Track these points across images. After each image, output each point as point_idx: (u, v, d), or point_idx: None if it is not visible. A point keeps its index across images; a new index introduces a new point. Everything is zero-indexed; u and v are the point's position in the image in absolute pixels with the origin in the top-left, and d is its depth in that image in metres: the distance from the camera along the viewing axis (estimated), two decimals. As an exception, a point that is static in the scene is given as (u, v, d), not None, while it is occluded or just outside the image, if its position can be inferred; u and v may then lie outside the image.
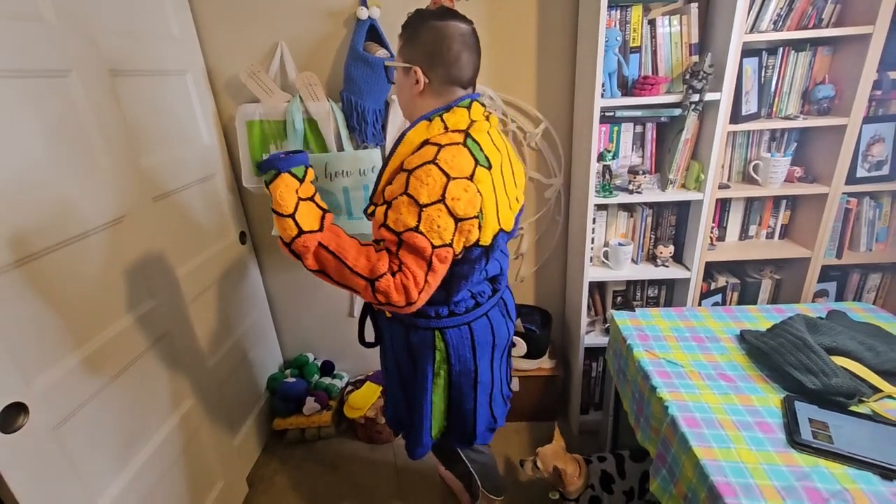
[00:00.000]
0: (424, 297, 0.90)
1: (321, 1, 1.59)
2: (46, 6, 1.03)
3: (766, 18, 1.40)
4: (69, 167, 1.08)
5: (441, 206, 0.85)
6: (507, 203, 0.99)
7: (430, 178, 0.85)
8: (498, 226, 0.95)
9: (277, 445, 1.98)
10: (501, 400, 1.25)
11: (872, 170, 1.52)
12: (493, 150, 0.96)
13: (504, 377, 1.26)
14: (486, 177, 0.91)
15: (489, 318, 1.11)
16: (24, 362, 0.95)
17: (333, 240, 0.91)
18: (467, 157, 0.89)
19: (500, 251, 1.13)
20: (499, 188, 0.95)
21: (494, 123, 1.04)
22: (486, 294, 1.10)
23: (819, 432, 1.00)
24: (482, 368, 1.12)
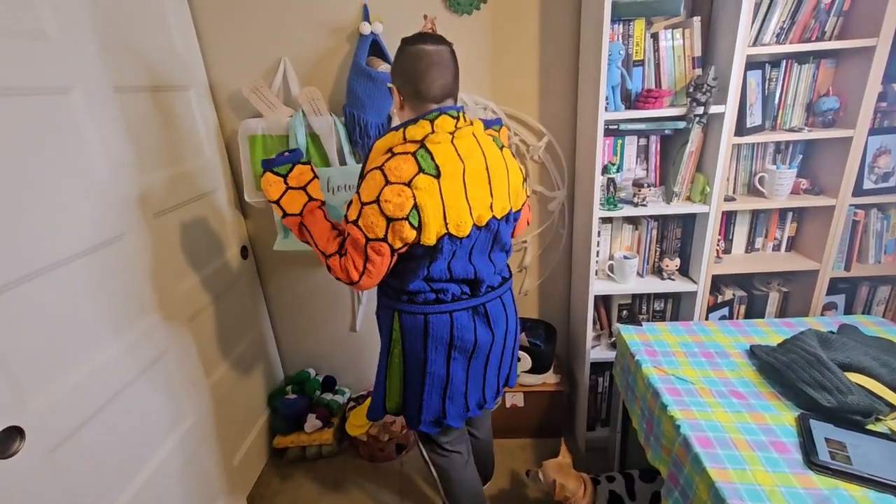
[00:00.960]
0: (368, 280, 1.06)
1: (324, 17, 1.59)
2: (50, 23, 1.03)
3: (768, 31, 1.40)
4: (70, 184, 1.06)
5: (375, 206, 0.98)
6: (468, 209, 1.04)
7: (373, 180, 0.99)
8: (444, 229, 1.02)
9: (278, 464, 1.95)
10: (463, 402, 1.24)
11: (879, 181, 1.51)
12: (453, 158, 1.02)
13: (477, 383, 1.25)
14: (431, 184, 0.99)
15: (452, 318, 1.15)
16: (21, 384, 0.93)
17: (311, 221, 1.11)
18: (411, 165, 0.98)
19: (476, 255, 1.13)
20: (452, 194, 1.01)
21: (478, 132, 1.11)
22: (450, 293, 1.14)
23: (837, 452, 0.97)
24: (433, 361, 1.17)
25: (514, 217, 1.19)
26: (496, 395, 1.31)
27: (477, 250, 1.13)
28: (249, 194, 1.70)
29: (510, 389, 1.84)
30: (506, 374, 1.33)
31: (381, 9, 1.57)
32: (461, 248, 1.09)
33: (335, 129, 1.59)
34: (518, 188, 1.17)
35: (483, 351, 1.21)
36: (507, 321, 1.24)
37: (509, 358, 1.31)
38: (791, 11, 1.38)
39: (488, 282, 1.18)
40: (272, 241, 1.74)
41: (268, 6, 1.59)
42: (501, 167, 1.12)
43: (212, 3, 1.59)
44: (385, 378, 1.24)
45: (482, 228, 1.09)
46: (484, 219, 1.08)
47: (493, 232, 1.13)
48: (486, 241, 1.14)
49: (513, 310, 1.28)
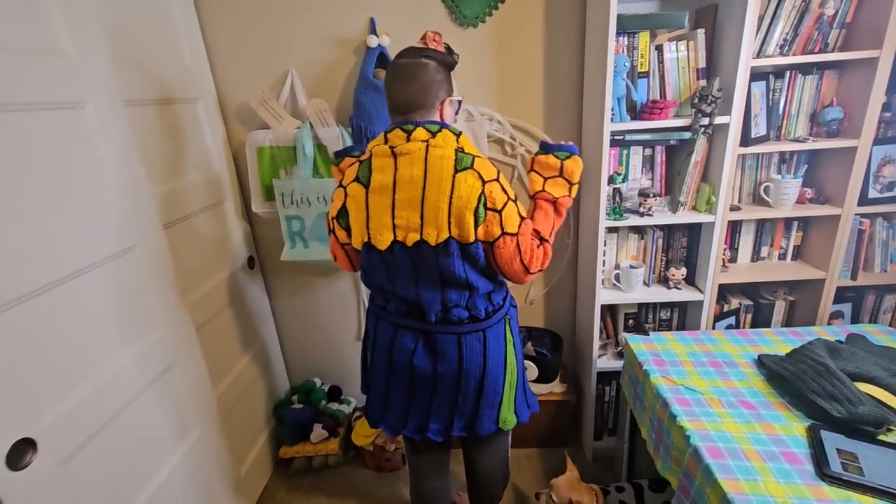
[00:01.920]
0: (339, 262, 1.22)
1: (331, 30, 1.61)
2: (66, 40, 1.05)
3: (772, 43, 1.42)
4: (81, 197, 1.07)
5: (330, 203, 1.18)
6: (391, 225, 1.04)
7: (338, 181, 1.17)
8: (366, 237, 1.07)
9: (284, 474, 1.94)
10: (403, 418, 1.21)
11: (884, 191, 1.51)
12: (387, 172, 1.04)
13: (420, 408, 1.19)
14: (359, 192, 1.07)
15: (395, 333, 1.16)
16: (33, 396, 0.93)
17: None
18: (353, 172, 1.09)
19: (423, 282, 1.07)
20: (377, 206, 1.05)
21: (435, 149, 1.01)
22: (392, 306, 1.16)
23: (849, 463, 0.97)
24: (375, 365, 1.22)
25: (458, 249, 1.02)
26: (445, 430, 1.19)
27: (422, 276, 1.06)
28: (256, 205, 1.71)
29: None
30: (466, 417, 1.18)
31: (388, 22, 1.59)
32: (396, 264, 1.06)
33: (342, 140, 1.60)
34: (463, 219, 0.99)
35: (424, 379, 1.14)
36: (460, 362, 1.12)
37: (471, 403, 1.16)
38: (794, 24, 1.39)
39: (435, 312, 1.10)
40: (279, 252, 1.75)
41: (276, 20, 1.61)
42: (443, 191, 0.99)
43: (221, 17, 1.62)
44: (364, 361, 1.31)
45: (411, 249, 1.03)
46: (411, 239, 1.02)
47: (430, 259, 1.03)
48: (428, 269, 1.05)
49: (479, 355, 1.12)
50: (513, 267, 1.05)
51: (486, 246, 1.04)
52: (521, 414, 1.24)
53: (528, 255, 1.05)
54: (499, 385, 1.17)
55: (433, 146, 1.02)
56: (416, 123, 1.03)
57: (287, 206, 1.65)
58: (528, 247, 1.05)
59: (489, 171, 1.02)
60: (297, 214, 1.66)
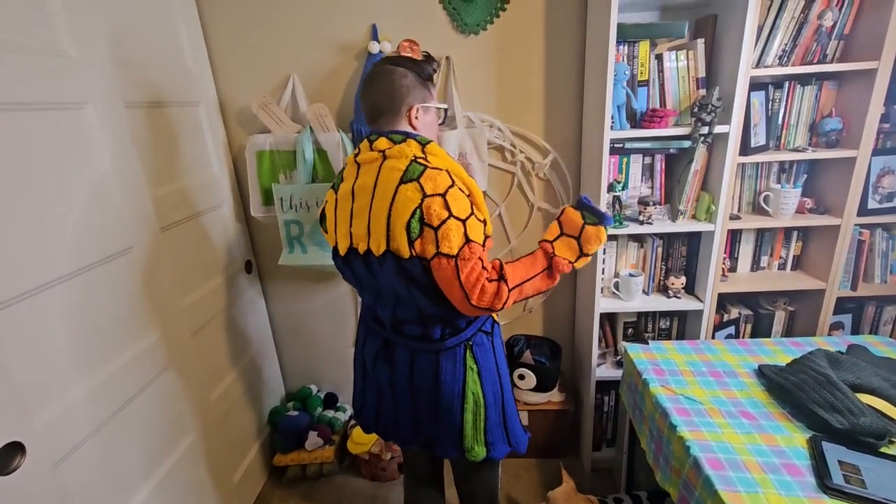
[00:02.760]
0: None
1: (333, 35, 1.62)
2: (69, 41, 1.05)
3: (771, 54, 1.42)
4: (80, 199, 1.07)
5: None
6: (348, 232, 1.06)
7: None
8: (335, 239, 1.11)
9: (278, 483, 1.91)
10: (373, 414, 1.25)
11: (884, 201, 1.51)
12: (348, 181, 1.07)
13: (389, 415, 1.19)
14: (330, 198, 1.12)
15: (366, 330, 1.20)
16: (24, 399, 0.91)
17: None
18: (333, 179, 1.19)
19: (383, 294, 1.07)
20: (341, 212, 1.08)
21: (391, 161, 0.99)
22: (366, 306, 1.20)
23: (850, 476, 0.95)
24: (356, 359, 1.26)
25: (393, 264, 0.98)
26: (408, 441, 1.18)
27: (381, 287, 1.05)
28: (255, 209, 1.70)
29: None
30: (426, 436, 1.16)
31: (390, 29, 1.59)
32: (357, 272, 1.08)
33: (342, 145, 1.60)
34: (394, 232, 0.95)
35: (382, 384, 1.17)
36: (411, 377, 1.10)
37: (427, 421, 1.13)
38: (793, 35, 1.40)
39: (389, 323, 1.10)
40: (277, 256, 1.74)
41: (278, 25, 1.62)
42: (385, 202, 0.96)
43: (223, 21, 1.62)
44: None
45: (363, 258, 1.03)
46: (362, 249, 1.02)
47: (375, 269, 1.02)
48: (381, 280, 1.03)
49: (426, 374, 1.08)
50: (451, 292, 0.95)
51: (426, 263, 0.96)
52: (494, 448, 1.14)
53: (471, 283, 0.93)
54: (454, 412, 1.09)
55: (389, 156, 0.99)
56: (381, 133, 1.03)
57: (286, 210, 1.64)
58: (471, 274, 0.93)
59: (437, 185, 0.93)
60: (296, 219, 1.65)
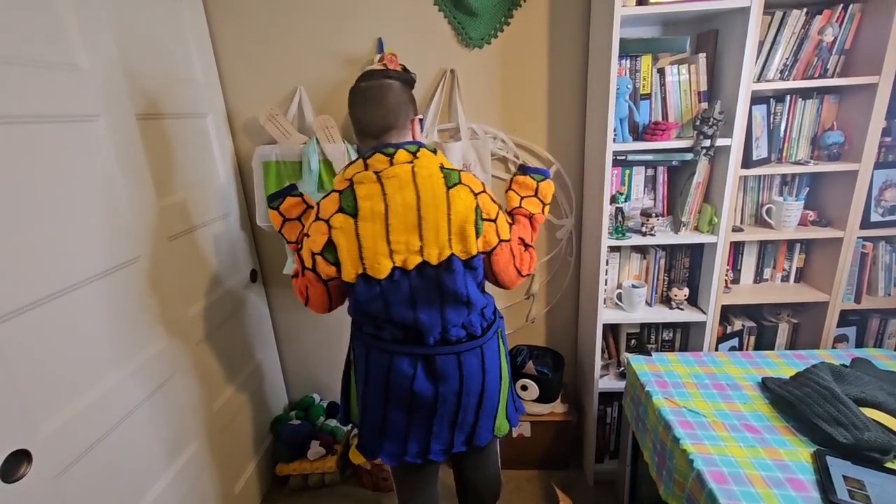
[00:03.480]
0: (312, 305, 1.14)
1: (340, 48, 1.65)
2: (81, 55, 1.08)
3: (772, 68, 1.44)
4: (90, 208, 1.09)
5: (306, 238, 1.07)
6: (388, 251, 1.01)
7: (311, 215, 1.09)
8: (361, 268, 1.03)
9: (279, 493, 1.91)
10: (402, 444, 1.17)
11: (886, 214, 1.52)
12: (375, 199, 1.00)
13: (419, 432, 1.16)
14: (346, 223, 1.01)
15: (391, 361, 1.11)
16: (31, 408, 0.92)
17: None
18: (335, 202, 1.03)
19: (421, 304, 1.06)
20: (369, 235, 1.01)
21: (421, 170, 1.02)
22: (388, 332, 1.11)
23: (856, 491, 0.95)
24: (370, 397, 1.16)
25: (461, 265, 1.04)
26: (447, 449, 1.19)
27: (421, 298, 1.05)
28: (261, 219, 1.72)
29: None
30: (466, 433, 1.19)
31: (396, 42, 1.62)
32: (394, 291, 1.04)
33: (348, 156, 1.62)
34: (464, 232, 1.02)
35: (424, 404, 1.12)
36: (461, 381, 1.12)
37: (470, 418, 1.17)
38: (794, 49, 1.42)
39: (433, 335, 1.09)
40: (282, 266, 1.75)
41: (285, 38, 1.65)
42: (439, 209, 1.01)
43: (232, 34, 1.66)
44: (345, 391, 1.29)
45: (412, 273, 1.03)
46: (411, 263, 1.02)
47: (432, 280, 1.03)
48: (429, 290, 1.05)
49: (477, 370, 1.13)
50: (508, 272, 1.13)
51: (485, 256, 1.09)
52: (512, 419, 1.28)
53: (520, 258, 1.14)
54: (496, 397, 1.19)
55: (418, 167, 1.02)
56: (395, 146, 1.03)
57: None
58: (518, 251, 1.14)
59: (476, 184, 1.07)
60: (301, 229, 1.67)
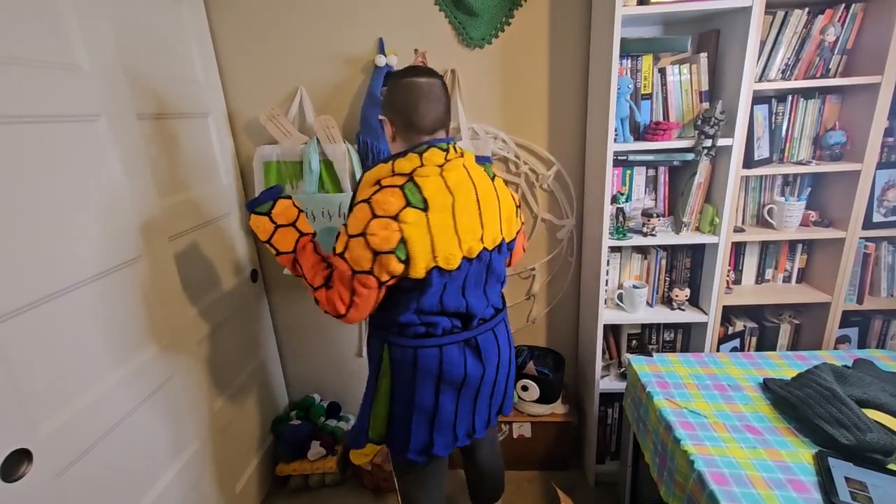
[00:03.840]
0: (355, 313, 1.05)
1: (340, 49, 1.65)
2: (82, 55, 1.08)
3: (774, 68, 1.44)
4: (91, 208, 1.09)
5: (361, 239, 0.98)
6: (457, 241, 1.04)
7: (360, 213, 1.00)
8: (433, 262, 1.01)
9: (280, 493, 1.90)
10: (451, 432, 1.20)
11: (889, 215, 1.51)
12: (442, 191, 1.02)
13: (466, 414, 1.21)
14: (418, 217, 0.99)
15: (441, 352, 1.12)
16: (31, 407, 0.92)
17: (303, 257, 1.11)
18: (399, 198, 0.99)
19: (470, 289, 1.12)
20: (441, 227, 1.01)
21: (468, 163, 1.11)
22: (441, 327, 1.11)
23: (858, 493, 0.94)
24: (422, 394, 1.14)
25: (507, 247, 1.19)
26: (487, 425, 1.28)
27: (471, 283, 1.12)
28: (262, 218, 1.72)
29: (517, 419, 1.81)
30: (499, 404, 1.29)
31: (397, 42, 1.62)
32: (452, 281, 1.07)
33: (348, 157, 1.62)
34: (510, 218, 1.19)
35: (473, 384, 1.17)
36: (499, 354, 1.20)
37: (502, 388, 1.27)
38: (795, 49, 1.42)
39: (480, 315, 1.16)
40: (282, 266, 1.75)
41: (287, 38, 1.65)
42: (492, 198, 1.12)
43: (233, 34, 1.66)
44: (370, 408, 1.21)
45: (473, 260, 1.08)
46: (475, 251, 1.07)
47: (485, 263, 1.12)
48: (481, 274, 1.14)
49: (506, 341, 1.24)
50: (518, 251, 1.32)
51: (516, 236, 1.24)
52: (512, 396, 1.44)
53: (524, 238, 1.38)
54: (514, 363, 1.31)
55: (467, 161, 1.11)
56: (446, 142, 1.08)
57: (292, 220, 1.66)
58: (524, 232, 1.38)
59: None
60: (302, 229, 1.67)
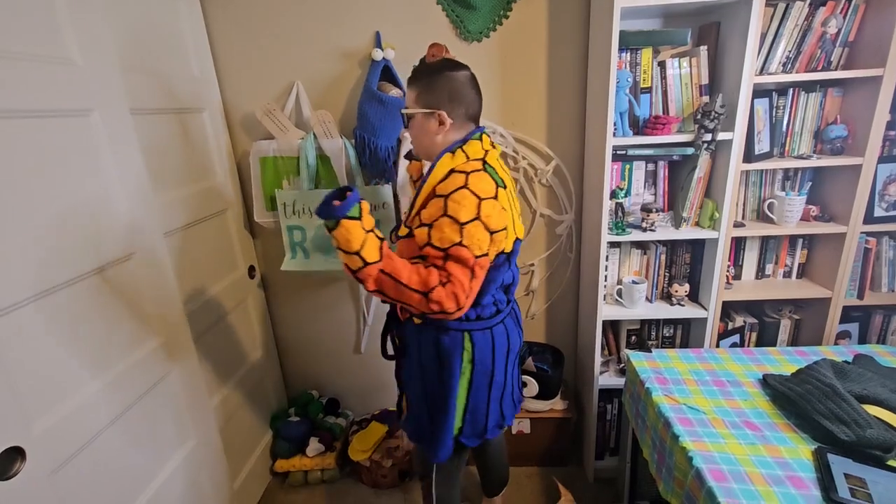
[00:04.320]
0: (470, 301, 1.03)
1: (337, 43, 1.63)
2: (75, 49, 1.06)
3: (775, 61, 1.42)
4: (84, 205, 1.08)
5: (478, 222, 1.00)
6: (514, 216, 1.14)
7: (465, 200, 1.00)
8: (515, 234, 1.12)
9: (279, 489, 1.90)
10: (511, 402, 1.31)
11: (890, 209, 1.50)
12: (504, 172, 1.14)
13: (516, 382, 1.35)
14: (504, 195, 1.07)
15: (505, 326, 1.22)
16: (24, 404, 0.92)
17: (390, 264, 1.00)
18: (489, 180, 1.04)
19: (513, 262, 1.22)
20: (512, 203, 1.12)
21: (498, 150, 1.20)
22: (502, 302, 1.21)
23: (857, 489, 0.93)
24: (498, 370, 1.21)
25: None
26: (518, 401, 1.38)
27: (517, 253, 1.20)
28: (259, 214, 1.71)
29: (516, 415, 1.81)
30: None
31: (394, 36, 1.60)
32: (513, 254, 1.16)
33: (345, 152, 1.61)
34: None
35: (517, 352, 1.29)
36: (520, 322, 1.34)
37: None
38: (797, 42, 1.40)
39: (514, 292, 1.28)
40: (279, 261, 1.75)
41: (283, 33, 1.63)
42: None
43: (229, 29, 1.64)
44: (454, 405, 1.19)
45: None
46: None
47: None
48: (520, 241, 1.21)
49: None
50: None
51: None
52: None
53: None
54: None
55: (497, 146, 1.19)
56: (482, 129, 1.15)
57: (289, 215, 1.65)
58: None
59: None
60: (299, 224, 1.66)
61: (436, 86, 1.09)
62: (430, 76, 1.10)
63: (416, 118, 1.13)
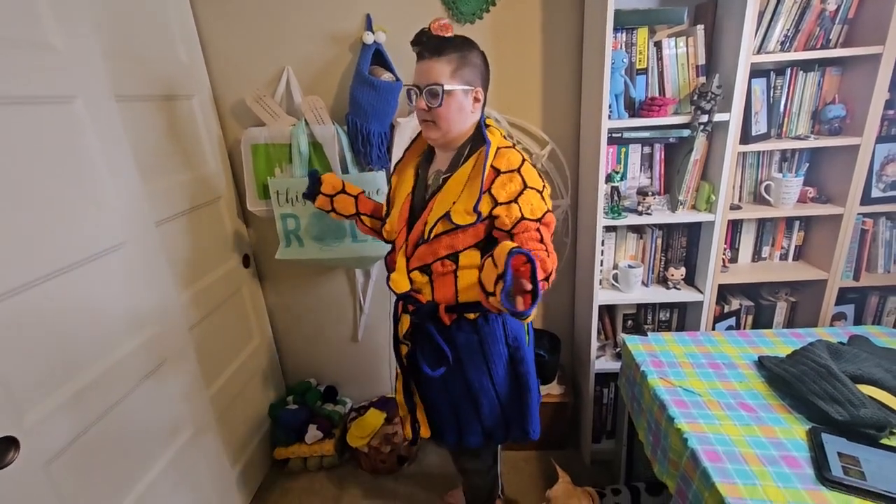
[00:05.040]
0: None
1: (327, 26, 1.60)
2: (55, 34, 1.03)
3: (772, 39, 1.40)
4: (71, 193, 1.06)
5: (546, 190, 1.06)
6: None
7: (531, 171, 1.04)
8: None
9: (278, 476, 1.92)
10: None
11: (888, 190, 1.49)
12: None
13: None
14: None
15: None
16: (17, 394, 0.91)
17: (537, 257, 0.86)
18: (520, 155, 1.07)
19: None
20: None
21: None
22: None
23: (850, 468, 0.94)
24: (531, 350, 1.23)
25: None
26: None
27: None
28: (251, 203, 1.70)
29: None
30: None
31: (385, 18, 1.57)
32: None
33: (338, 138, 1.59)
34: None
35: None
36: None
37: None
38: (795, 19, 1.37)
39: None
40: (274, 250, 1.73)
41: (271, 16, 1.60)
42: None
43: (216, 13, 1.60)
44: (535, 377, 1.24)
45: None
46: None
47: None
48: None
49: None
50: None
51: None
52: None
53: None
54: None
55: None
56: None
57: (282, 204, 1.63)
58: None
59: None
60: (292, 213, 1.64)
61: (472, 61, 1.04)
62: (463, 50, 1.03)
63: (454, 95, 1.03)
